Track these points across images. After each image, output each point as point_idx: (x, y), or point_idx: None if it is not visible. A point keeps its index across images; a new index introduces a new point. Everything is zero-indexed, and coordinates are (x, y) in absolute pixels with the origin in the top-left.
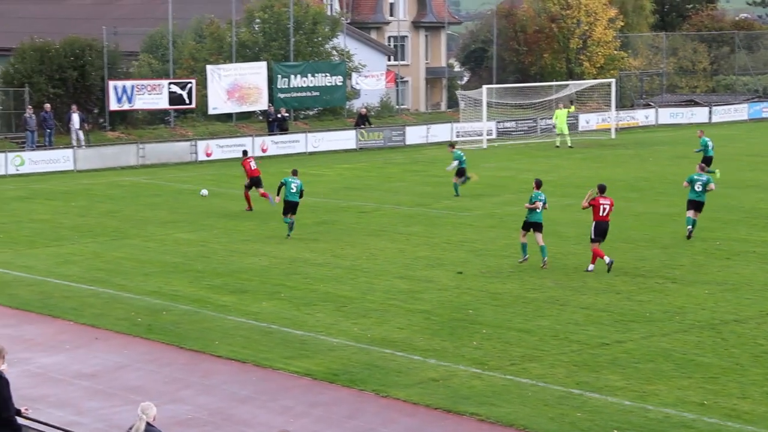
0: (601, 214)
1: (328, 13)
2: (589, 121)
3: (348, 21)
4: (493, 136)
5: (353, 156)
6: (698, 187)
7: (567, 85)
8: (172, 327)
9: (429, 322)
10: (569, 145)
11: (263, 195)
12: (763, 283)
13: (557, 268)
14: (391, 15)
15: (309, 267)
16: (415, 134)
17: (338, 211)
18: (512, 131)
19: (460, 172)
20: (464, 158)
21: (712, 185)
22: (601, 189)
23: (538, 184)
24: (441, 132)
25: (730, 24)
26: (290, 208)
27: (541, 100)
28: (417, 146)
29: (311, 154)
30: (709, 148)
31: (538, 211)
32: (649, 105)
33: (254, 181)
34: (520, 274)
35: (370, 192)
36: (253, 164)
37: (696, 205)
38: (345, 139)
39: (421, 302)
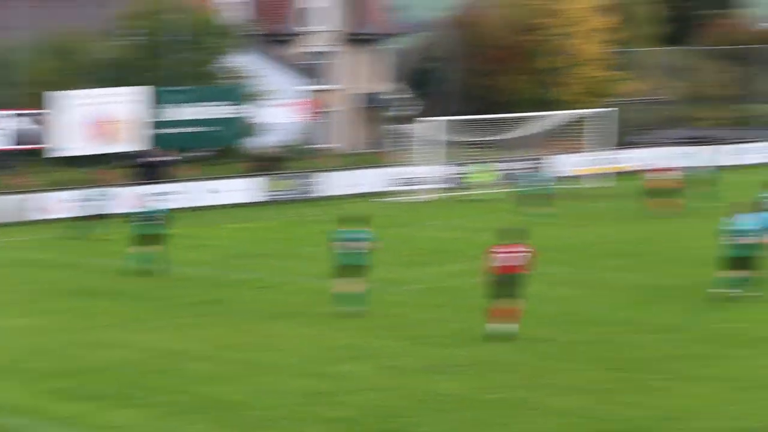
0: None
1: (227, 21)
2: (575, 164)
3: (253, 32)
4: (449, 184)
5: (257, 212)
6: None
7: (546, 117)
8: None
9: None
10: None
11: None
12: None
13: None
14: (313, 24)
15: (187, 362)
16: (341, 182)
17: (230, 285)
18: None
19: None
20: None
21: None
22: (506, 236)
23: None
24: (377, 179)
25: (760, 36)
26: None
27: (514, 136)
28: (343, 198)
29: (198, 209)
30: None
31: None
32: (654, 143)
33: None
34: (477, 367)
35: (276, 260)
36: None
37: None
38: (246, 189)
39: (342, 407)
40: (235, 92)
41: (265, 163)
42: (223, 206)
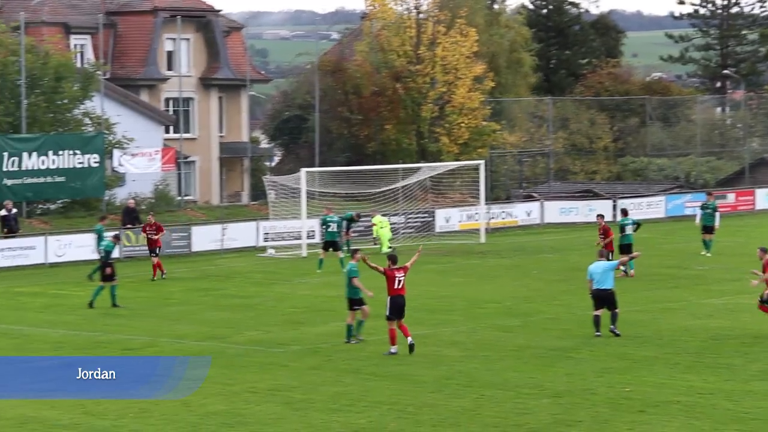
0: (396, 287)
1: (78, 64)
2: (450, 218)
3: (107, 76)
4: (317, 239)
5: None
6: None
7: (419, 169)
8: None
9: None
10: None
11: None
12: None
13: None
14: (170, 69)
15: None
16: (204, 237)
17: (91, 347)
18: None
19: None
20: None
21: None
22: (392, 259)
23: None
24: (243, 233)
25: (639, 87)
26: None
27: (385, 188)
28: (208, 254)
29: (53, 266)
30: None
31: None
32: (532, 197)
33: None
34: None
35: (139, 320)
36: None
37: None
38: None
39: None
40: (92, 141)
41: (126, 217)
42: (77, 263)
